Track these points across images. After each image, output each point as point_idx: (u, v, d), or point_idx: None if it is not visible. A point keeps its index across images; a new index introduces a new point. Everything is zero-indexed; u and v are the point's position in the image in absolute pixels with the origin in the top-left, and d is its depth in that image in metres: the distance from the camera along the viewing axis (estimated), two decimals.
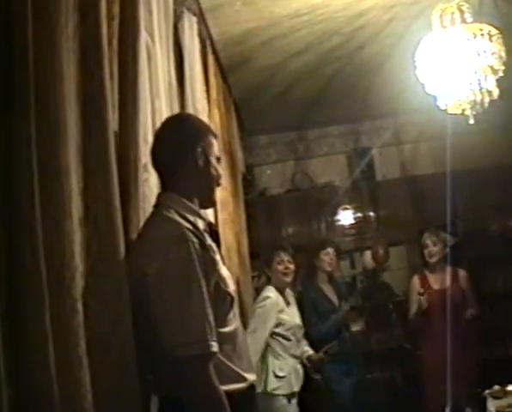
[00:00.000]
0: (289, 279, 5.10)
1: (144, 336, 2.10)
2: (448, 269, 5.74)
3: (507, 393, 4.26)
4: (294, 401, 4.89)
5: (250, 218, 6.46)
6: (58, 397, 1.58)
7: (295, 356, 4.96)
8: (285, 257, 5.11)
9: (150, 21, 3.06)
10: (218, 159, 2.45)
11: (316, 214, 7.76)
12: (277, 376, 4.78)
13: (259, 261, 5.57)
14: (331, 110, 7.29)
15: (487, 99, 4.08)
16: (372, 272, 7.81)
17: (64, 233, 1.74)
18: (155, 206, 2.34)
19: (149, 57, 3.02)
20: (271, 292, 4.96)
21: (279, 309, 4.90)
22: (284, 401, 4.78)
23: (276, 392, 4.74)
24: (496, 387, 4.37)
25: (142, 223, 2.33)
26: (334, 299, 5.75)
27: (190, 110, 3.86)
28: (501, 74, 4.03)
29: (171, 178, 2.35)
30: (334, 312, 5.63)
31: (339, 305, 5.70)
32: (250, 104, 6.67)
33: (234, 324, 2.32)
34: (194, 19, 4.25)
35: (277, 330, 4.85)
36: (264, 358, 4.80)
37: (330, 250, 5.80)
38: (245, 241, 5.95)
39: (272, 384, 4.75)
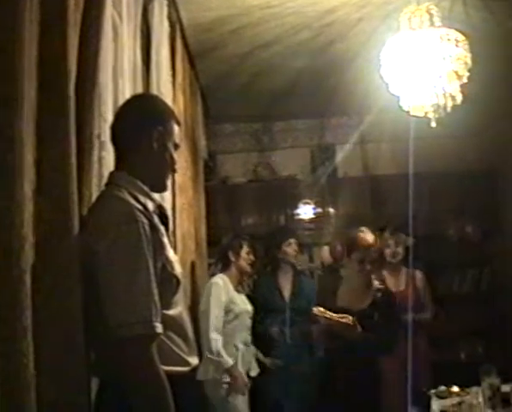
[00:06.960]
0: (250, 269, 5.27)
1: (89, 315, 2.08)
2: (405, 271, 5.79)
3: (452, 393, 4.33)
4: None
5: (210, 205, 6.46)
6: None
7: (245, 343, 4.98)
8: (249, 248, 5.20)
9: None
10: (176, 146, 2.42)
11: (277, 206, 7.83)
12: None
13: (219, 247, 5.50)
14: (297, 103, 7.29)
15: (450, 104, 4.11)
16: (329, 267, 7.86)
17: (15, 202, 1.71)
18: (106, 184, 2.32)
19: (116, 35, 3.00)
20: (219, 279, 4.99)
21: (229, 295, 4.94)
22: None
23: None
24: (442, 387, 4.44)
25: (93, 200, 2.31)
26: (287, 294, 5.67)
27: (154, 92, 3.84)
28: (465, 80, 4.06)
29: (125, 156, 2.33)
30: (280, 308, 5.59)
31: (290, 302, 5.62)
32: (216, 91, 6.65)
33: (179, 307, 2.32)
34: (165, 2, 4.23)
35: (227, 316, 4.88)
36: None
37: (292, 240, 5.79)
38: (203, 228, 5.95)
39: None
